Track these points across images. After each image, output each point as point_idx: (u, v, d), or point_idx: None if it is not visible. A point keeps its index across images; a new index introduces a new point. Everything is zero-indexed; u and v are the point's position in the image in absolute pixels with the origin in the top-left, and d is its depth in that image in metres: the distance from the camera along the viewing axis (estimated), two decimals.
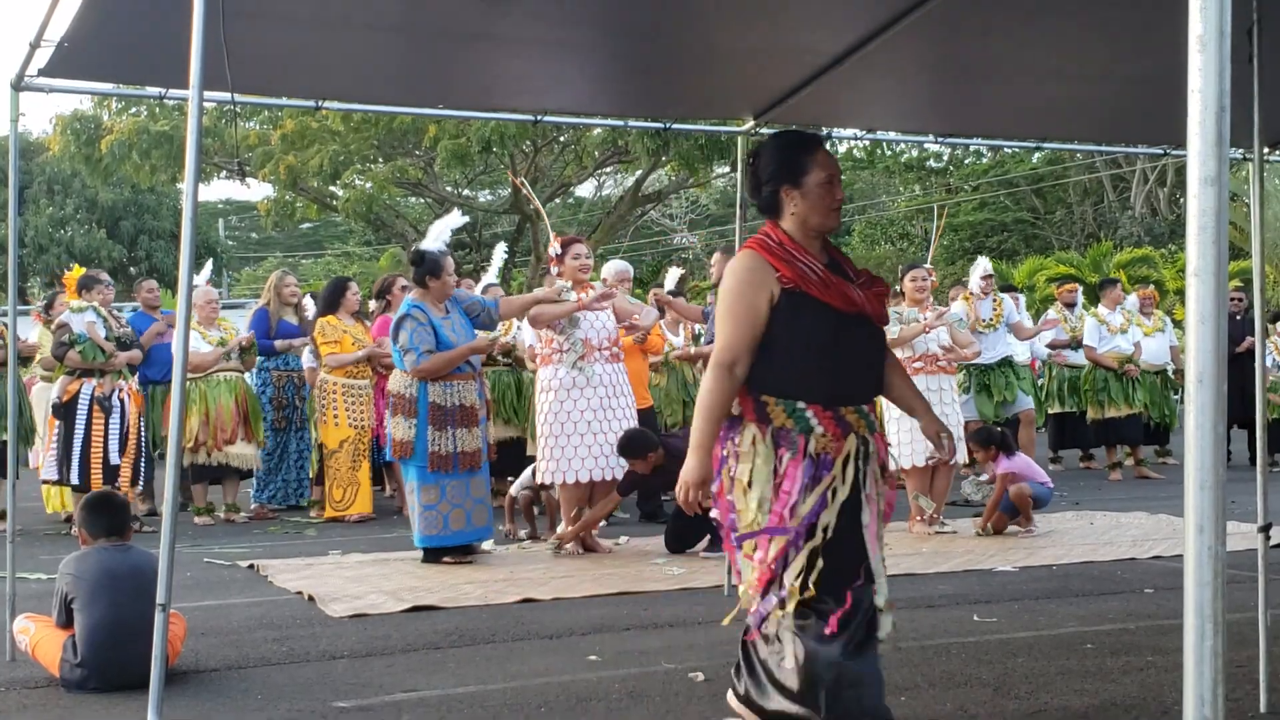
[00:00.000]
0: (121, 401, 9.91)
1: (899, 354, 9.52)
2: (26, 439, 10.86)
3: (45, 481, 10.16)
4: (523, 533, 9.16)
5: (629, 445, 8.15)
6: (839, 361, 3.84)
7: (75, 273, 10.46)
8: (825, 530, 3.72)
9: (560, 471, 8.25)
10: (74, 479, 9.65)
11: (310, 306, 11.74)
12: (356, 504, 10.53)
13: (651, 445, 8.16)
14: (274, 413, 11.17)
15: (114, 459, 9.82)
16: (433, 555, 8.03)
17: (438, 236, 8.51)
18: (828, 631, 3.70)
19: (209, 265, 12.08)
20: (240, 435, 10.68)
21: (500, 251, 11.47)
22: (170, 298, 14.78)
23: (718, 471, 3.89)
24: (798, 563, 3.70)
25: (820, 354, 3.81)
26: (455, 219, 8.93)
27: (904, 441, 9.26)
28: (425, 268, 8.18)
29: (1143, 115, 6.64)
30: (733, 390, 3.82)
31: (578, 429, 8.25)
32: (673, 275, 12.39)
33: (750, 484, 3.79)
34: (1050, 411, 14.04)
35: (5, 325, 9.40)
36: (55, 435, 9.82)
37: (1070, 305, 14.11)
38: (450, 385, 8.02)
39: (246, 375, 11.10)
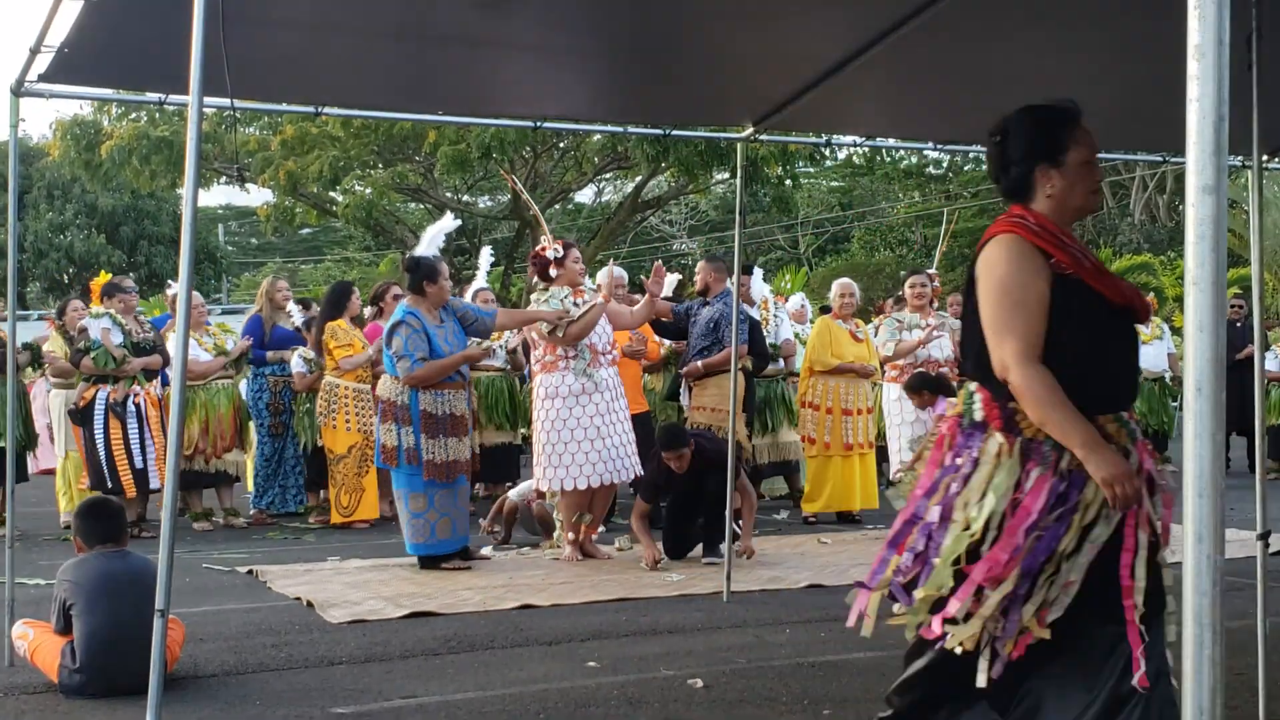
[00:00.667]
0: (138, 407, 9.93)
1: (899, 362, 9.51)
2: (28, 445, 10.89)
3: (92, 488, 10.07)
4: (499, 537, 9.17)
5: (670, 437, 8.13)
6: (1104, 362, 3.39)
7: (102, 278, 10.52)
8: (1062, 557, 3.27)
9: (571, 478, 8.20)
10: (109, 484, 9.67)
11: (296, 311, 11.73)
12: (361, 509, 10.50)
13: (688, 440, 8.17)
14: (270, 418, 11.15)
15: (138, 463, 9.84)
16: (430, 561, 8.04)
17: (432, 242, 8.52)
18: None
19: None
20: (236, 443, 10.79)
21: (486, 255, 11.43)
22: (160, 303, 14.80)
23: (940, 474, 3.44)
24: (1039, 595, 3.27)
25: (1085, 353, 3.35)
26: (448, 223, 8.93)
27: (900, 449, 9.27)
28: (421, 273, 8.14)
29: (1142, 122, 6.64)
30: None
31: (587, 435, 8.21)
32: (670, 281, 12.37)
33: (984, 495, 3.32)
34: None
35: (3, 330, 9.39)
36: (82, 442, 9.89)
37: None
38: (441, 394, 8.01)
39: (243, 383, 11.12)
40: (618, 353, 8.65)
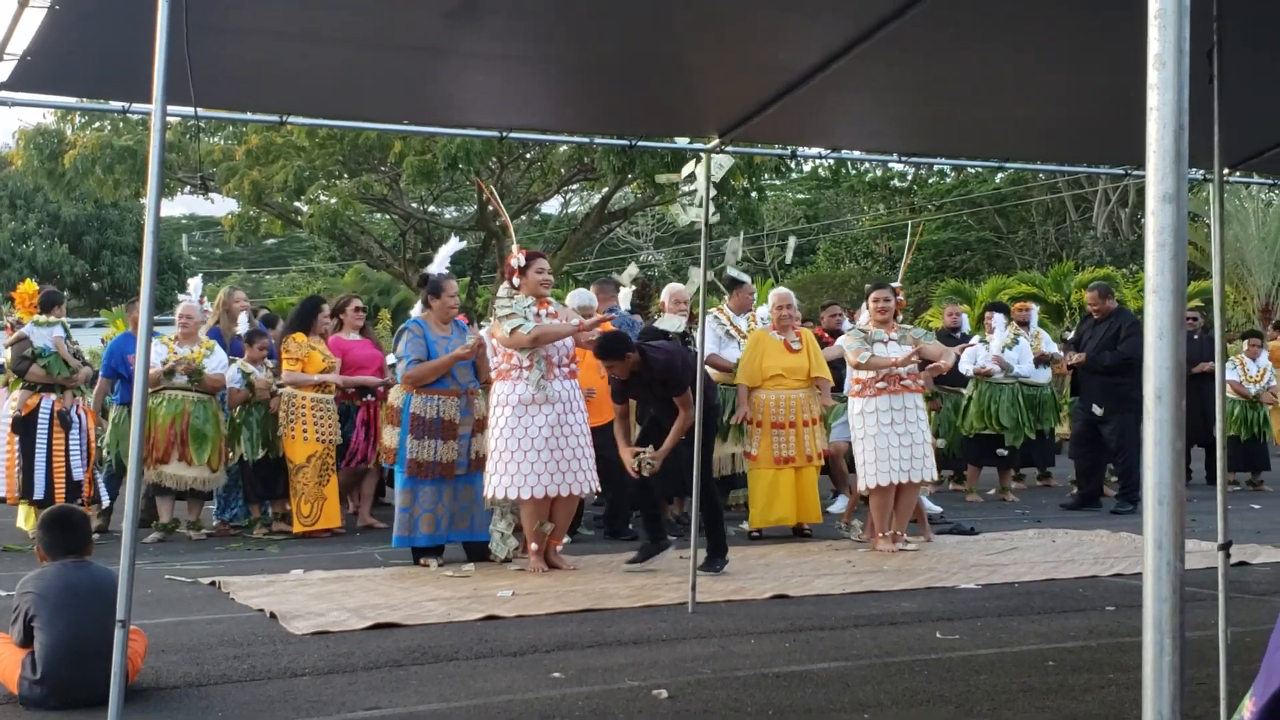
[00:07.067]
0: (79, 417, 9.95)
1: (863, 375, 9.46)
2: None
3: (21, 498, 9.95)
4: None
5: (607, 346, 8.15)
6: None
7: (28, 287, 10.40)
8: None
9: (518, 487, 8.24)
10: (38, 494, 9.60)
11: (243, 320, 11.61)
12: (324, 519, 10.44)
13: (630, 347, 8.20)
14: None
15: (76, 474, 9.83)
16: (412, 553, 8.73)
17: (440, 261, 9.44)
18: None
19: (197, 281, 11.72)
20: (176, 456, 10.22)
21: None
22: (122, 313, 14.64)
23: None
24: None
25: None
26: (454, 244, 9.98)
27: (869, 461, 9.25)
28: (427, 289, 9.07)
29: (1105, 136, 6.70)
30: None
31: (535, 445, 8.25)
32: (629, 272, 12.26)
33: None
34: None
35: None
36: (17, 450, 9.79)
37: (1024, 324, 13.99)
38: (430, 399, 8.65)
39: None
40: (575, 365, 8.66)
